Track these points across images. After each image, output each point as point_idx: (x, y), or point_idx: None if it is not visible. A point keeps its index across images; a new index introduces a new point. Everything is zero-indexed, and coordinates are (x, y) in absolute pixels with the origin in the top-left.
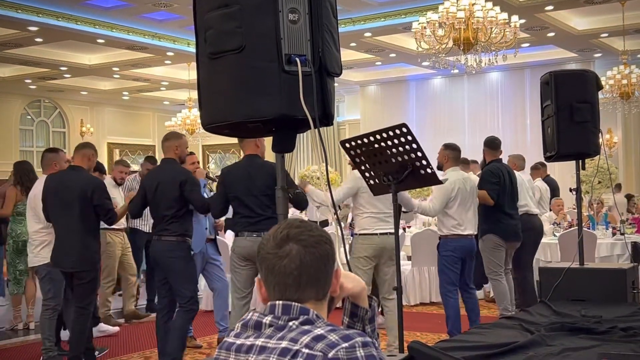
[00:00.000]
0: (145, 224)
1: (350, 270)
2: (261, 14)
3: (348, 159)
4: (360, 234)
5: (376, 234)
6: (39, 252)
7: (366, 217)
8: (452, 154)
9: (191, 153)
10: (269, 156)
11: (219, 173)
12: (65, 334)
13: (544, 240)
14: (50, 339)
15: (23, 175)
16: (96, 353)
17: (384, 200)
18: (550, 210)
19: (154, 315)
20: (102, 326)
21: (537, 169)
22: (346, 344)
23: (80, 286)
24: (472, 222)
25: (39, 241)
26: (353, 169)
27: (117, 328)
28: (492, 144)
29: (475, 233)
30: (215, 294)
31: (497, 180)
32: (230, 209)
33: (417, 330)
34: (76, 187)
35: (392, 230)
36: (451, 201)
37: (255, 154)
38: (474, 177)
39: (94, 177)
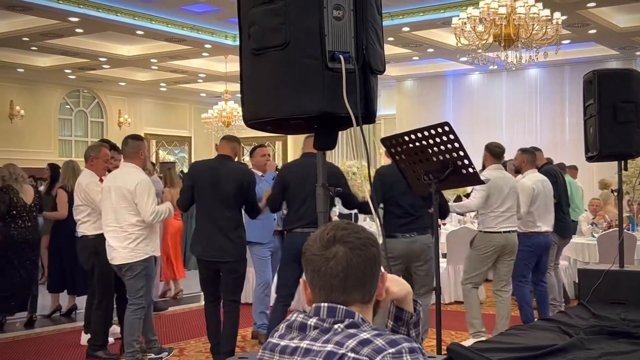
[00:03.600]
0: None
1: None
2: (305, 11)
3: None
4: (484, 232)
5: (500, 232)
6: (136, 247)
7: (493, 215)
8: (529, 158)
9: (262, 145)
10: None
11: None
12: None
13: (582, 240)
14: (138, 340)
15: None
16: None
17: (513, 199)
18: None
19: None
20: (116, 328)
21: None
22: (393, 350)
23: (232, 279)
24: (549, 220)
25: (137, 235)
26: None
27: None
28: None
29: (552, 230)
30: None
31: (556, 180)
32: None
33: (452, 329)
34: (233, 176)
35: (514, 228)
36: (532, 200)
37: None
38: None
39: (248, 169)
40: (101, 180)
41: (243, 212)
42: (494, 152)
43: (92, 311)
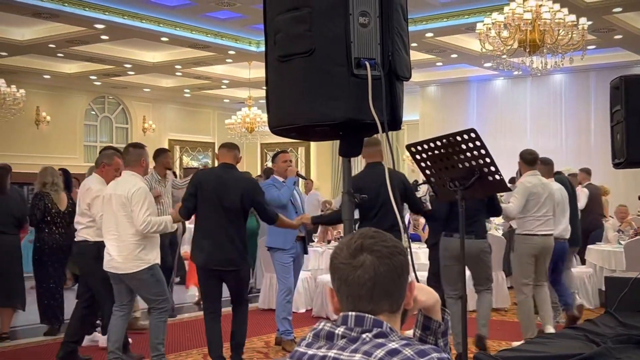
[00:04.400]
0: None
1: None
2: (331, 17)
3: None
4: (523, 234)
5: (537, 235)
6: (136, 257)
7: (530, 219)
8: (544, 169)
9: (284, 151)
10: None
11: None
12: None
13: (608, 247)
14: (164, 343)
15: None
16: None
17: (550, 204)
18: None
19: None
20: (97, 336)
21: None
22: None
23: (237, 285)
24: (562, 226)
25: (135, 245)
26: None
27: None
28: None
29: (565, 237)
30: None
31: (570, 189)
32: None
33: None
34: (238, 185)
35: (550, 232)
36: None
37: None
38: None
39: (251, 177)
40: None
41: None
42: (527, 159)
43: (108, 316)
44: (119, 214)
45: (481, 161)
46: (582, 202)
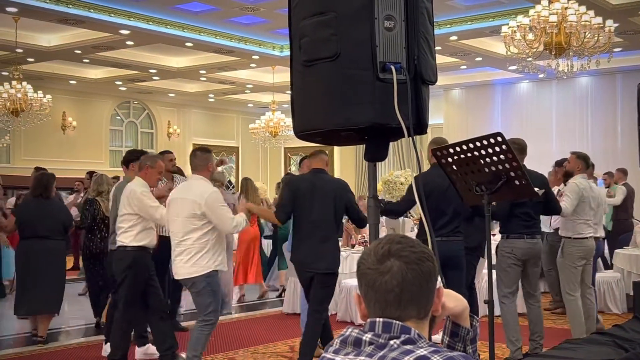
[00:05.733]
0: None
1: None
2: (357, 22)
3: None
4: (575, 238)
5: (587, 238)
6: (197, 262)
7: (580, 222)
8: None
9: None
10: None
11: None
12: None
13: (636, 252)
14: (200, 357)
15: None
16: None
17: (595, 207)
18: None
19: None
20: (151, 348)
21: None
22: None
23: (320, 289)
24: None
25: (197, 249)
26: None
27: None
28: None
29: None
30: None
31: None
32: None
33: (502, 342)
34: (330, 187)
35: (596, 235)
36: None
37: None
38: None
39: (342, 180)
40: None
41: None
42: (589, 163)
43: (115, 323)
44: (184, 217)
45: (508, 165)
46: (618, 199)
